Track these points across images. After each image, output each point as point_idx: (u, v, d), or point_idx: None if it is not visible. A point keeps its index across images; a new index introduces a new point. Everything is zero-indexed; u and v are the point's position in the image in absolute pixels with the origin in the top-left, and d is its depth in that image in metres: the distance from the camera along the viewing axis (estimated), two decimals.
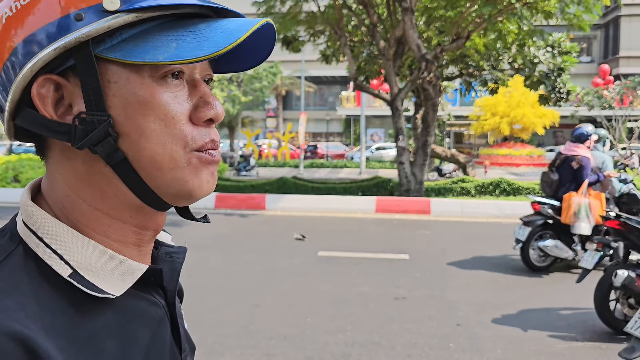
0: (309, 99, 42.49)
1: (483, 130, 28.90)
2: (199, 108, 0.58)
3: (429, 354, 3.95)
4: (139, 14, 0.53)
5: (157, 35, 0.54)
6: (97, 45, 0.53)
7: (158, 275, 0.62)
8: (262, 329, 4.38)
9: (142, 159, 0.55)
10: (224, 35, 0.53)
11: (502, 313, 4.88)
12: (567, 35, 14.17)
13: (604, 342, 4.22)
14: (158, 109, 0.55)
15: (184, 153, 0.56)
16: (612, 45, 38.11)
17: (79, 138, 0.54)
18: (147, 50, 0.53)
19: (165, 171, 0.56)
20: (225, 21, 0.56)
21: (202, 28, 0.55)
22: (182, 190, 0.58)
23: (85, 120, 0.54)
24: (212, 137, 0.59)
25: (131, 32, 0.54)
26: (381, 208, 11.29)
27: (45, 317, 0.51)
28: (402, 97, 12.39)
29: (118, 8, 0.52)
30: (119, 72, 0.54)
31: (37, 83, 0.54)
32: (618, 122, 24.57)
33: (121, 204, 0.58)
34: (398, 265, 6.69)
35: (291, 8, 13.46)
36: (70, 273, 0.54)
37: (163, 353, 0.61)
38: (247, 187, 13.21)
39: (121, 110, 0.54)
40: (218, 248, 7.50)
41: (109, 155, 0.55)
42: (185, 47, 0.53)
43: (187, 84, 0.58)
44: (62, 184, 0.58)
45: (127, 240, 0.60)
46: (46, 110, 0.55)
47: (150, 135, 0.55)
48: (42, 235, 0.56)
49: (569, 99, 15.12)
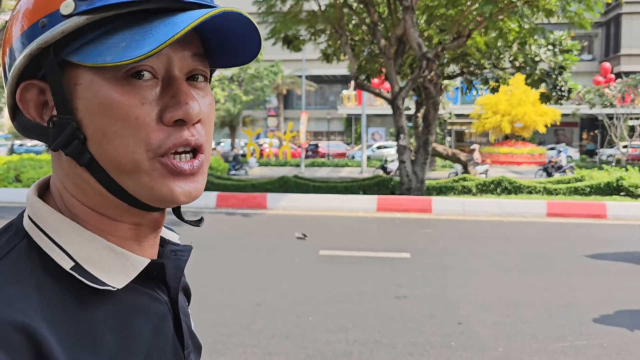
0: (310, 98, 42.47)
1: (484, 128, 28.87)
2: (167, 108, 0.55)
3: (430, 352, 3.95)
4: (90, 15, 0.52)
5: (114, 36, 0.53)
6: (62, 49, 0.54)
7: (160, 270, 0.62)
8: (264, 327, 4.39)
9: (107, 161, 0.55)
10: (167, 30, 0.50)
11: (504, 312, 4.88)
12: (568, 33, 14.16)
13: (606, 340, 4.22)
14: (119, 110, 0.54)
15: (148, 158, 0.54)
16: (614, 43, 38.03)
17: (52, 140, 0.56)
18: (102, 52, 0.52)
19: (130, 174, 0.55)
20: (184, 14, 0.52)
21: (157, 24, 0.52)
22: (152, 196, 0.56)
23: (56, 123, 0.55)
24: (184, 138, 0.55)
25: (93, 35, 0.54)
26: (382, 207, 11.29)
27: (47, 309, 0.52)
28: (403, 95, 12.38)
29: (72, 12, 0.53)
30: (84, 74, 0.54)
31: (20, 88, 0.57)
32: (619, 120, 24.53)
33: (104, 203, 0.58)
34: (399, 264, 6.69)
35: (292, 7, 13.45)
36: (73, 266, 0.55)
37: (165, 348, 0.61)
38: (248, 186, 13.22)
39: (85, 112, 0.55)
40: (219, 247, 7.50)
41: (78, 157, 0.56)
42: (130, 46, 0.51)
43: (161, 82, 0.56)
44: (58, 181, 0.60)
45: (125, 236, 0.60)
46: (29, 113, 0.57)
47: (112, 137, 0.54)
48: (45, 228, 0.57)
49: (570, 97, 15.11)
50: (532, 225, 9.91)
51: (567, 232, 9.23)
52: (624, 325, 4.57)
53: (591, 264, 6.76)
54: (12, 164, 14.15)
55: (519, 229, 9.51)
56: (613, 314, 4.80)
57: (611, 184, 12.79)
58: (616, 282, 5.88)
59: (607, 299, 5.23)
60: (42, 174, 13.43)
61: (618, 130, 24.51)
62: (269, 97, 36.13)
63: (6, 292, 0.51)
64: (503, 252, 7.46)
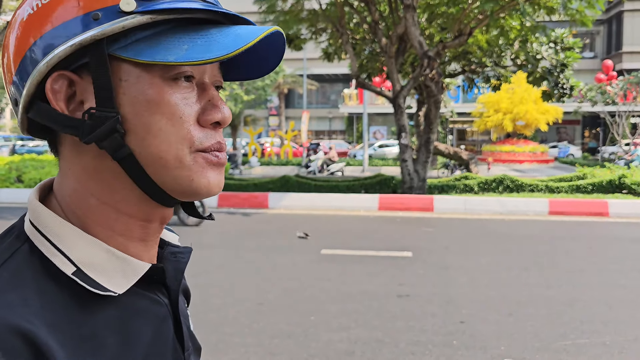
0: (311, 97, 42.46)
1: (486, 127, 28.84)
2: (206, 111, 0.59)
3: (433, 351, 3.95)
4: (153, 15, 0.55)
5: (170, 37, 0.56)
6: (111, 44, 0.55)
7: (161, 274, 0.63)
8: (266, 327, 4.39)
9: (148, 156, 0.57)
10: (234, 40, 0.55)
11: (506, 310, 4.88)
12: (570, 31, 14.13)
13: (608, 339, 4.21)
14: (166, 108, 0.56)
15: (190, 152, 0.58)
16: (615, 40, 37.96)
17: (87, 133, 0.55)
18: (159, 51, 0.55)
19: (170, 169, 0.57)
20: (236, 27, 0.57)
21: (214, 32, 0.56)
22: (189, 188, 0.59)
23: (94, 116, 0.55)
24: (218, 139, 0.60)
25: (144, 34, 0.56)
26: (384, 206, 11.29)
27: (48, 314, 0.52)
28: (404, 94, 12.37)
29: (134, 9, 0.54)
30: (130, 70, 0.56)
31: (51, 78, 0.56)
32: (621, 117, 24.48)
33: (129, 198, 0.59)
34: (401, 263, 6.69)
35: (293, 6, 13.45)
36: (74, 271, 0.55)
37: (165, 351, 0.62)
38: (250, 185, 13.22)
39: (130, 108, 0.56)
40: (221, 247, 7.51)
41: (115, 151, 0.56)
42: (195, 50, 0.54)
43: (196, 87, 0.59)
44: (71, 179, 0.60)
45: (133, 234, 0.61)
46: (58, 104, 0.56)
47: (157, 133, 0.56)
48: (46, 233, 0.57)
49: (572, 95, 15.08)
50: (534, 223, 9.90)
51: (569, 230, 9.22)
52: (626, 323, 4.57)
53: (593, 262, 6.75)
54: (14, 164, 14.18)
55: (521, 227, 9.50)
56: (615, 312, 4.80)
57: (613, 182, 12.77)
58: (618, 281, 5.88)
59: (609, 298, 5.23)
60: (44, 175, 13.45)
61: (620, 128, 24.47)
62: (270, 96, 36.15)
63: (7, 297, 0.51)
64: (505, 250, 7.45)
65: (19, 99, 0.58)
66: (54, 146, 0.61)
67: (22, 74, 0.57)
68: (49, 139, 0.62)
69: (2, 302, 0.50)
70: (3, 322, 0.49)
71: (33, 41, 0.56)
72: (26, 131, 0.61)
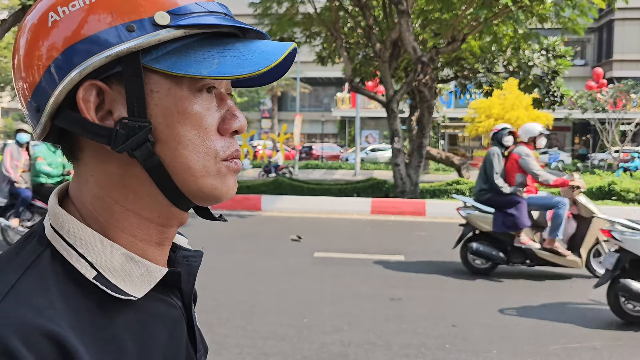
0: (304, 100, 42.48)
1: (477, 132, 29.01)
2: (226, 120, 0.62)
3: (425, 354, 3.98)
4: (187, 30, 0.57)
5: (199, 51, 0.58)
6: (144, 56, 0.56)
7: (177, 278, 0.64)
8: (259, 329, 4.40)
9: (177, 165, 0.59)
10: (262, 56, 0.58)
11: (498, 314, 4.92)
12: (562, 38, 14.27)
13: (598, 343, 4.27)
14: (194, 119, 0.59)
15: (215, 162, 0.60)
16: (606, 48, 38.34)
17: (120, 142, 0.56)
18: (191, 64, 0.56)
19: (197, 177, 0.60)
20: (258, 42, 0.60)
21: (239, 47, 0.59)
22: (212, 195, 0.62)
23: (126, 126, 0.56)
24: (236, 147, 0.63)
25: (173, 46, 0.57)
26: (376, 209, 11.33)
27: (72, 317, 0.53)
28: (397, 99, 12.43)
29: (168, 23, 0.56)
30: (161, 82, 0.57)
31: (83, 87, 0.56)
32: (611, 125, 24.72)
33: (152, 204, 0.61)
34: (394, 266, 6.73)
35: (288, 9, 13.49)
36: (95, 275, 0.57)
37: (179, 353, 0.64)
38: (243, 187, 13.21)
39: (161, 119, 0.58)
40: (214, 249, 7.50)
41: (146, 160, 0.58)
42: (226, 64, 0.57)
43: (215, 98, 0.61)
44: (93, 186, 0.60)
45: (152, 239, 0.62)
46: (89, 113, 0.57)
47: (187, 143, 0.58)
48: (68, 238, 0.58)
49: (563, 103, 15.20)
50: None
51: None
52: (616, 328, 4.63)
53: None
54: None
55: None
56: (605, 317, 4.85)
57: (603, 189, 12.88)
58: None
59: (599, 302, 5.28)
60: None
61: (610, 135, 24.71)
62: (263, 99, 36.17)
63: (35, 301, 0.52)
64: None
65: (43, 106, 0.57)
66: (72, 152, 0.61)
67: (49, 81, 0.56)
68: (68, 145, 0.61)
69: (31, 305, 0.52)
70: (33, 325, 0.50)
71: (61, 50, 0.55)
72: (43, 138, 0.60)
